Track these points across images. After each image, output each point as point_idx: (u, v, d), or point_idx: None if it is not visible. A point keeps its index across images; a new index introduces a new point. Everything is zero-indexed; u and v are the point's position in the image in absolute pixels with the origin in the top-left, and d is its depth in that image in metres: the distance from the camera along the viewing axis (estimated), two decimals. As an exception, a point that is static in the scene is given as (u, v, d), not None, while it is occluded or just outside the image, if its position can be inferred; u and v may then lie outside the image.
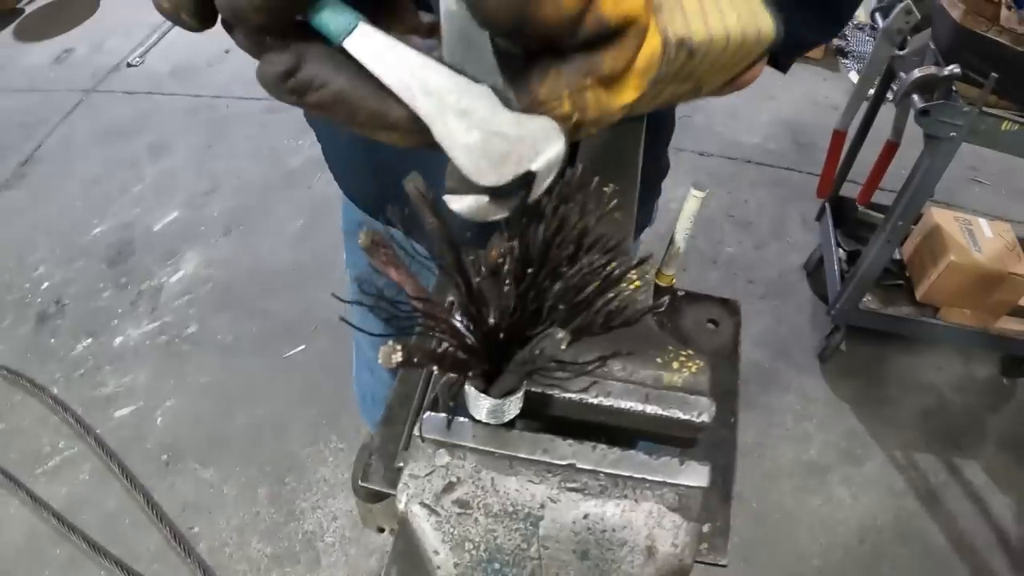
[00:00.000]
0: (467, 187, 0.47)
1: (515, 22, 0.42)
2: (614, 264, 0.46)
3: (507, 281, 0.46)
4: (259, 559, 2.41)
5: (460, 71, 0.45)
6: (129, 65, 4.51)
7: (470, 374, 0.50)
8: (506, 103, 0.46)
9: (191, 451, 2.65)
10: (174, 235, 3.42)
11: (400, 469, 0.57)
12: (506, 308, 0.47)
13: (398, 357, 0.41)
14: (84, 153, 3.84)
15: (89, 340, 3.00)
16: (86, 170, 3.74)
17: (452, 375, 0.51)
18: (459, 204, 0.48)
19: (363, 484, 0.73)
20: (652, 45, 0.51)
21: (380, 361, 0.40)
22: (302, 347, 2.92)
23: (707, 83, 0.63)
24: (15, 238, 3.40)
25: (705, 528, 0.75)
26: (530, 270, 0.44)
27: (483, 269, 0.47)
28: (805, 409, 2.85)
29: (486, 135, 0.45)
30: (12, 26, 4.84)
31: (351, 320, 0.52)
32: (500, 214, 0.49)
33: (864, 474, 2.69)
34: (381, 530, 0.84)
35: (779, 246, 3.46)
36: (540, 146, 0.47)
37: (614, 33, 0.47)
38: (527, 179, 0.47)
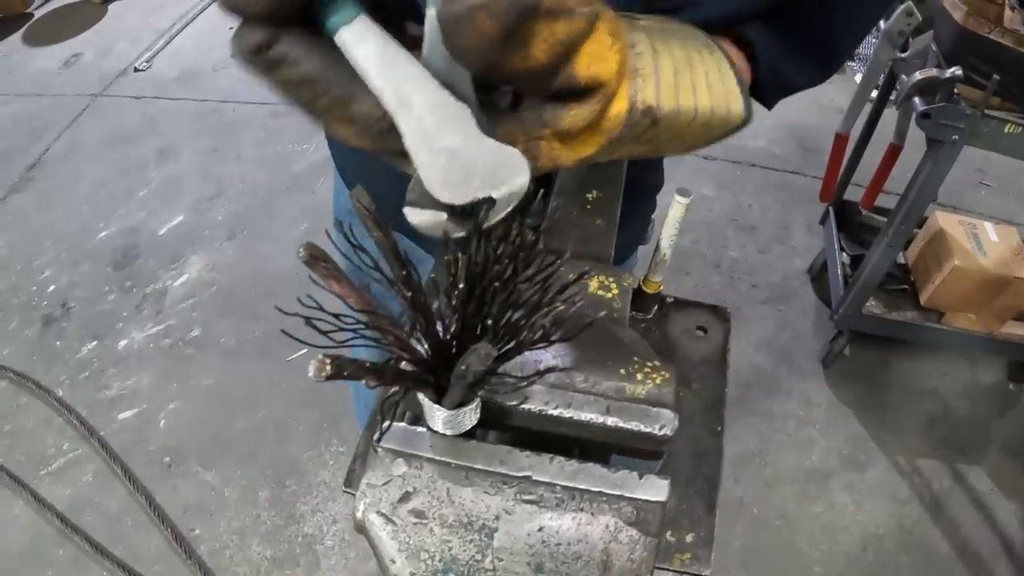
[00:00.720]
0: (427, 202, 0.48)
1: (484, 66, 0.42)
2: (550, 280, 0.46)
3: (452, 295, 0.46)
4: (259, 561, 2.42)
5: (440, 76, 0.45)
6: (136, 70, 4.54)
7: (412, 386, 0.50)
8: (482, 127, 0.46)
9: (193, 454, 2.66)
10: (179, 239, 3.43)
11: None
12: (450, 321, 0.47)
13: (327, 371, 0.41)
14: (91, 157, 3.86)
15: (94, 343, 3.01)
16: (93, 174, 3.76)
17: (392, 389, 0.51)
18: (417, 218, 0.48)
19: (346, 490, 0.73)
20: (619, 108, 0.52)
21: (311, 375, 0.40)
22: (304, 351, 2.92)
23: (665, 149, 0.64)
24: (22, 241, 3.42)
25: (688, 538, 0.75)
26: (461, 286, 0.45)
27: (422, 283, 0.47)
28: (808, 414, 2.83)
29: (457, 154, 0.46)
30: (21, 31, 4.87)
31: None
32: (456, 233, 0.49)
33: (867, 481, 2.68)
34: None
35: (783, 250, 3.45)
36: (506, 175, 0.47)
37: (583, 92, 0.48)
38: (487, 204, 0.48)
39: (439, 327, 0.48)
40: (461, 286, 0.44)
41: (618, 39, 0.49)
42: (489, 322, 0.45)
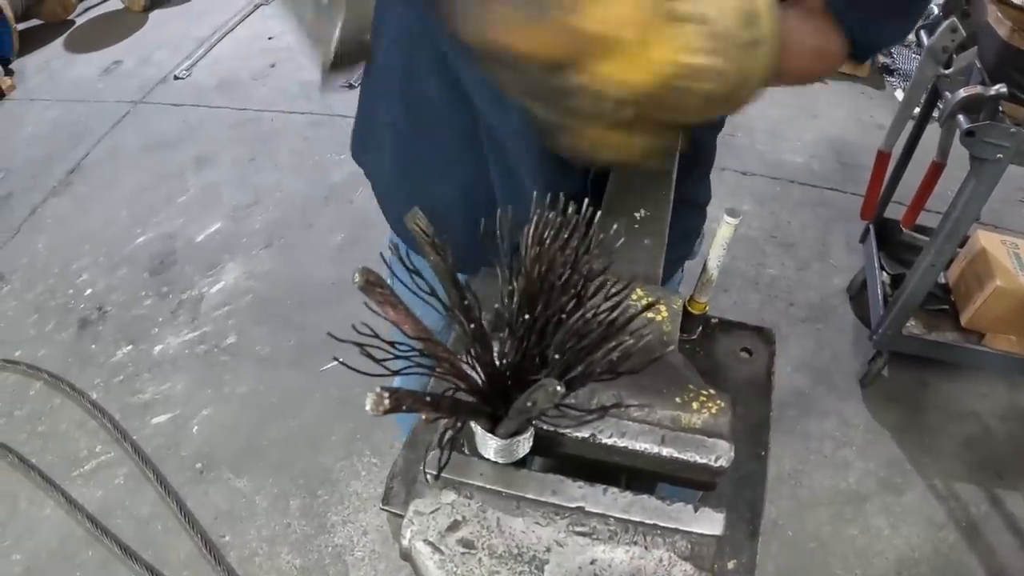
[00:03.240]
0: None
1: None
2: (618, 311, 0.45)
3: (513, 325, 0.45)
4: (288, 570, 2.41)
5: None
6: (176, 78, 4.58)
7: (468, 416, 0.49)
8: None
9: (225, 460, 2.67)
10: (216, 246, 3.45)
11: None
12: (510, 350, 0.46)
13: (385, 405, 0.39)
14: (130, 163, 3.90)
15: (129, 347, 3.03)
16: (132, 180, 3.79)
17: (448, 420, 0.49)
18: None
19: (383, 508, 0.72)
20: None
21: (368, 409, 0.39)
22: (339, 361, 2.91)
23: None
24: (60, 245, 3.45)
25: (730, 565, 0.73)
26: (526, 317, 0.43)
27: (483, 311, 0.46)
28: (845, 436, 2.79)
29: None
30: (63, 38, 4.94)
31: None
32: None
33: (903, 504, 2.63)
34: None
35: (822, 268, 3.40)
36: None
37: None
38: None
39: (495, 354, 0.47)
40: (526, 317, 0.43)
41: None
42: (556, 356, 0.44)
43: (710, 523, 0.53)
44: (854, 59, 0.98)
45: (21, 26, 4.62)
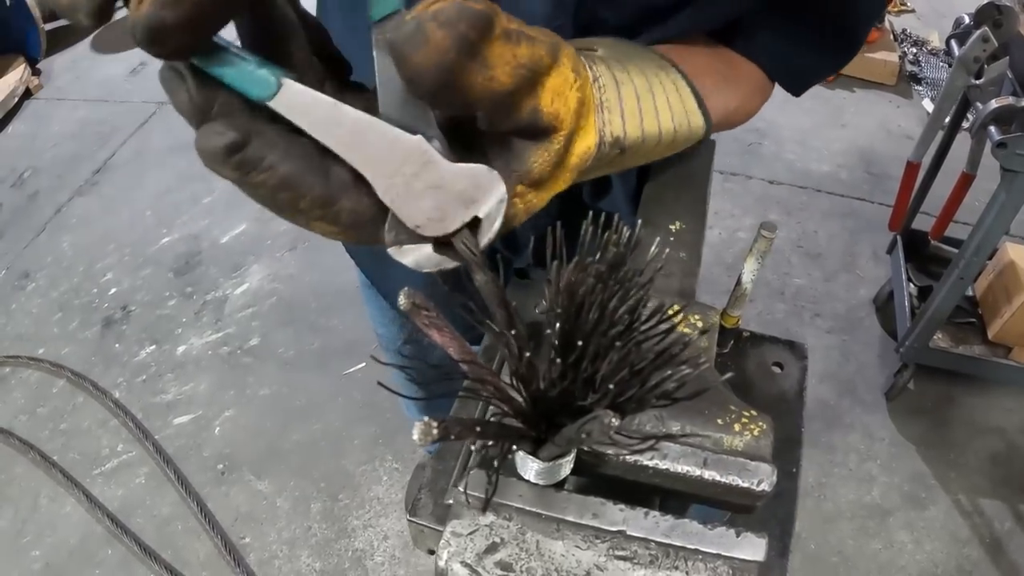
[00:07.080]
0: (413, 238, 0.46)
1: (440, 84, 0.40)
2: (671, 338, 0.44)
3: (554, 348, 0.44)
4: (308, 573, 2.42)
5: (399, 124, 0.44)
6: (203, 78, 4.59)
7: (514, 441, 0.48)
8: (444, 154, 0.44)
9: (247, 462, 2.68)
10: (241, 248, 3.46)
11: (450, 506, 0.55)
12: (556, 374, 0.45)
13: (434, 434, 0.39)
14: (156, 164, 3.91)
15: (153, 347, 3.05)
16: (157, 180, 3.81)
17: (492, 445, 0.48)
18: (407, 258, 0.47)
19: (410, 519, 0.71)
20: (587, 143, 0.52)
21: (415, 439, 0.38)
22: (362, 365, 2.92)
23: (631, 166, 0.67)
24: (86, 244, 3.48)
25: (760, 583, 0.72)
26: (580, 343, 0.42)
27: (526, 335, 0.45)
28: (869, 449, 2.76)
29: (427, 188, 0.44)
30: (90, 38, 4.96)
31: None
32: (450, 264, 0.48)
33: (927, 519, 2.60)
34: (431, 552, 0.82)
35: (848, 279, 3.37)
36: (481, 194, 0.46)
37: (543, 131, 0.48)
38: (473, 225, 0.47)
39: (541, 378, 0.46)
40: (579, 343, 0.42)
41: (579, 76, 0.49)
42: (611, 386, 0.43)
43: (752, 548, 0.52)
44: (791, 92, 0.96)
45: (48, 26, 4.64)
